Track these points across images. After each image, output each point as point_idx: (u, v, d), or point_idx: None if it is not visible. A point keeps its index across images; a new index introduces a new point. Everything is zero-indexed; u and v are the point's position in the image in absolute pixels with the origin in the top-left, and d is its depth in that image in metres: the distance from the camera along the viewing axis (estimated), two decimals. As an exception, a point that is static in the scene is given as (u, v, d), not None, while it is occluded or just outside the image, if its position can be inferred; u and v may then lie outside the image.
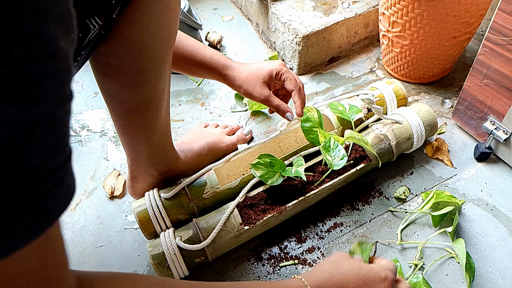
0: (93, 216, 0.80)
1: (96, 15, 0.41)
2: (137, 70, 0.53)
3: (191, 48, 0.68)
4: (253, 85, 0.66)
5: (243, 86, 0.67)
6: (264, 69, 0.67)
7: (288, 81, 0.67)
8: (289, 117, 0.67)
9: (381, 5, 0.92)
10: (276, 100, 0.67)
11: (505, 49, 0.70)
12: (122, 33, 0.48)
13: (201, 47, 0.68)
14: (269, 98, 0.67)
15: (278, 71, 0.67)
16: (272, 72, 0.67)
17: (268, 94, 0.67)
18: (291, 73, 0.69)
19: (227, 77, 0.69)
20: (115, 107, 0.60)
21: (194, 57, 0.68)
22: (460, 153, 0.85)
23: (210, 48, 0.69)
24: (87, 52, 0.45)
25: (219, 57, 0.69)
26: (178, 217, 0.72)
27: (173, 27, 0.53)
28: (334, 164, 0.68)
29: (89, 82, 1.11)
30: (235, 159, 0.77)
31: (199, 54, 0.68)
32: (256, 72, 0.67)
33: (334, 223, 0.75)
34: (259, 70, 0.67)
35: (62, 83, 0.26)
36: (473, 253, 0.69)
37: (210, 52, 0.69)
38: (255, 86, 0.66)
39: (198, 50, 0.68)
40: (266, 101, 0.67)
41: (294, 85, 0.67)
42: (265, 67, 0.68)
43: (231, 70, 0.68)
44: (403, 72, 1.00)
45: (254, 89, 0.66)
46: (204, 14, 1.33)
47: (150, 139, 0.66)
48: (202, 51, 0.68)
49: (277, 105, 0.67)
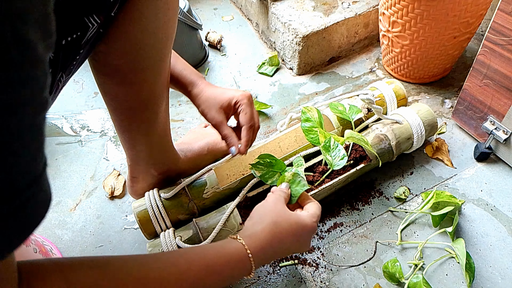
0: (93, 216, 0.80)
1: (95, 14, 0.41)
2: (136, 69, 0.53)
3: None
4: (210, 108, 0.64)
5: (201, 106, 0.65)
6: (226, 95, 0.64)
7: (242, 114, 0.64)
8: (232, 151, 0.64)
9: (381, 5, 0.92)
10: (226, 129, 0.64)
11: (505, 49, 0.70)
12: (120, 32, 0.48)
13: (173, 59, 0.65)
14: (220, 125, 0.64)
15: (237, 100, 0.64)
16: (231, 100, 0.64)
17: (221, 120, 0.64)
18: (250, 108, 0.65)
19: (191, 95, 0.66)
20: (114, 106, 0.60)
21: None
22: (460, 153, 0.85)
23: (182, 62, 0.67)
24: (86, 51, 0.45)
25: (189, 73, 0.66)
26: (178, 217, 0.72)
27: (171, 26, 0.53)
28: (334, 164, 0.68)
29: (89, 82, 1.11)
30: (235, 159, 0.77)
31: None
32: (217, 96, 0.64)
33: (334, 223, 0.75)
34: (221, 95, 0.64)
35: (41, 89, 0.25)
36: (473, 253, 0.69)
37: (181, 66, 0.66)
38: (211, 109, 0.63)
39: None
40: (217, 127, 0.64)
41: (247, 121, 0.64)
42: (228, 94, 0.65)
43: (196, 88, 0.65)
44: (403, 72, 1.00)
45: (210, 112, 0.64)
46: (204, 14, 1.33)
47: (149, 138, 0.66)
48: (173, 63, 0.65)
49: (225, 134, 0.64)
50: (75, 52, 0.42)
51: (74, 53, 0.42)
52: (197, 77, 0.67)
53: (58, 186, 0.86)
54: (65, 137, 0.97)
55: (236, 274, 0.49)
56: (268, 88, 1.06)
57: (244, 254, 0.48)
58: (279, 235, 0.52)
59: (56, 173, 0.88)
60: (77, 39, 0.41)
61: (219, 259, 0.47)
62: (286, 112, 0.98)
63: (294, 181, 0.62)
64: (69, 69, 0.44)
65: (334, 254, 0.71)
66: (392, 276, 0.66)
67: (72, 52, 0.41)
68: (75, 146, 0.94)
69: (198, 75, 0.67)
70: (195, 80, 0.66)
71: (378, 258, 0.70)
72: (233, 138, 0.64)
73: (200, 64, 1.14)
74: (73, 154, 0.92)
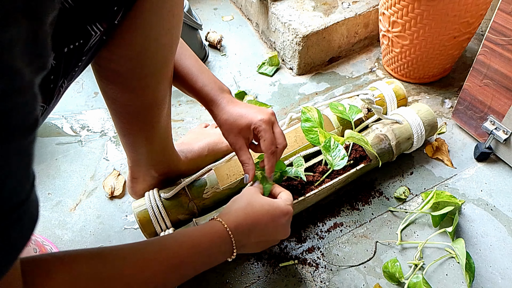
0: (93, 216, 0.80)
1: (98, 22, 0.41)
2: (139, 75, 0.53)
3: (185, 71, 0.64)
4: (229, 131, 0.63)
5: (221, 127, 0.64)
6: (245, 119, 0.62)
7: (262, 142, 0.62)
8: (245, 179, 0.64)
9: (381, 5, 0.92)
10: (244, 155, 0.63)
11: (505, 49, 0.70)
12: (124, 39, 0.47)
13: (195, 72, 0.64)
14: (240, 150, 0.63)
15: (256, 127, 0.61)
16: (249, 126, 0.62)
17: (239, 146, 0.63)
18: (269, 133, 0.62)
19: (212, 113, 0.65)
20: (116, 110, 0.59)
21: (185, 81, 0.64)
22: (460, 153, 0.85)
23: (205, 76, 0.64)
24: (88, 57, 0.45)
25: (209, 89, 0.63)
26: (178, 217, 0.72)
27: (175, 33, 0.53)
28: (334, 164, 0.68)
29: (89, 82, 1.11)
30: (235, 159, 0.77)
31: (190, 80, 0.63)
32: (236, 120, 0.62)
33: (334, 223, 0.75)
34: (240, 118, 0.62)
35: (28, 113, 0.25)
36: (473, 253, 0.69)
37: (202, 81, 0.63)
38: (230, 133, 0.63)
39: (191, 75, 0.64)
40: (236, 152, 0.64)
41: (267, 148, 0.62)
42: (247, 118, 0.62)
43: (216, 108, 0.64)
44: (403, 72, 1.00)
45: (229, 136, 0.63)
46: (204, 14, 1.33)
47: (151, 141, 0.66)
48: (195, 77, 0.63)
49: (243, 160, 0.64)
50: (77, 59, 0.42)
51: (76, 60, 0.42)
52: (218, 93, 0.64)
53: (58, 186, 0.86)
54: (65, 137, 0.97)
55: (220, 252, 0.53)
56: (268, 88, 1.06)
57: (224, 230, 0.53)
58: (252, 214, 0.56)
59: (56, 173, 0.88)
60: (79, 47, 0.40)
61: (203, 238, 0.52)
62: (286, 112, 0.98)
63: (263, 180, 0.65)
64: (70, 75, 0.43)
65: (334, 254, 0.71)
66: (392, 276, 0.66)
67: (74, 59, 0.41)
68: (75, 146, 0.94)
69: (221, 90, 0.64)
70: (215, 98, 0.63)
71: (378, 258, 0.70)
72: (249, 166, 0.63)
73: (200, 64, 1.14)
74: (73, 154, 0.92)
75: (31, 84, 0.25)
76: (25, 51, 0.23)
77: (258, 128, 0.62)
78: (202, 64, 0.65)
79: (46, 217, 0.80)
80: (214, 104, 0.63)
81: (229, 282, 0.69)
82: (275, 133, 0.63)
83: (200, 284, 0.69)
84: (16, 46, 0.22)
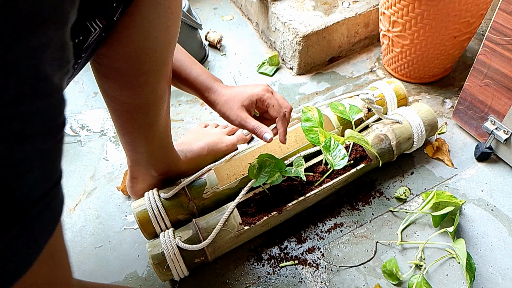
0: (93, 216, 0.80)
1: (97, 18, 0.41)
2: (138, 72, 0.53)
3: (178, 63, 0.64)
4: (231, 108, 0.63)
5: (221, 109, 0.64)
6: (245, 93, 0.64)
7: (271, 108, 0.63)
8: (267, 138, 0.62)
9: (381, 4, 0.92)
10: (252, 122, 0.63)
11: (506, 49, 0.70)
12: (123, 36, 0.47)
13: (188, 64, 0.65)
14: (245, 121, 0.63)
15: (260, 97, 0.63)
16: (252, 97, 0.63)
17: (245, 116, 0.63)
18: (274, 99, 0.65)
19: (208, 100, 0.65)
20: (115, 109, 0.59)
21: (179, 73, 0.65)
22: (461, 153, 0.85)
23: (197, 67, 0.66)
24: (88, 55, 0.45)
25: (204, 78, 0.65)
26: (178, 217, 0.71)
27: (174, 30, 0.53)
28: (335, 164, 0.67)
29: (89, 82, 1.10)
30: (235, 159, 0.77)
31: (184, 71, 0.64)
32: (236, 96, 0.64)
33: (334, 223, 0.75)
34: (240, 94, 0.64)
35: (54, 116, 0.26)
36: (474, 253, 0.69)
37: (196, 71, 0.65)
38: (233, 108, 0.62)
39: (185, 66, 0.64)
40: (242, 125, 0.63)
41: (278, 111, 0.63)
42: (247, 91, 0.64)
43: (213, 93, 0.65)
44: (403, 72, 1.00)
45: (231, 112, 0.63)
46: (204, 13, 1.33)
47: (150, 140, 0.65)
48: (189, 69, 0.64)
49: (253, 126, 0.62)
50: (77, 56, 0.42)
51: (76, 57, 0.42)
52: (213, 82, 0.65)
53: (57, 186, 0.86)
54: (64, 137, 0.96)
55: None
56: (268, 88, 1.06)
57: None
58: None
59: (55, 173, 0.88)
60: (79, 43, 0.40)
61: None
62: (286, 112, 0.98)
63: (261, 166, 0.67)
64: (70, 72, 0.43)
65: (334, 254, 0.71)
66: (390, 273, 0.66)
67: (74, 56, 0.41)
68: (74, 146, 0.94)
69: (214, 79, 0.66)
70: (211, 86, 0.65)
71: (378, 259, 0.70)
72: (262, 127, 0.63)
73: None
74: (73, 154, 0.92)
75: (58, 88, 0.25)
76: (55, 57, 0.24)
77: (262, 97, 0.63)
78: (193, 58, 0.66)
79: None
80: (210, 91, 0.64)
81: (229, 282, 0.68)
82: (278, 100, 0.65)
83: (200, 284, 0.68)
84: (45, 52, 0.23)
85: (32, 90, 0.23)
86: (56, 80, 0.25)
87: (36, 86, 0.23)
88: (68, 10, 0.25)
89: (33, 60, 0.22)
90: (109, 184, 0.85)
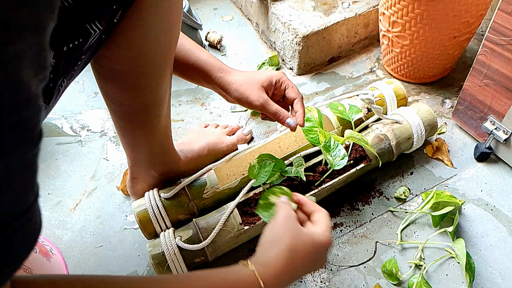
0: (93, 216, 0.80)
1: (97, 20, 0.41)
2: (138, 74, 0.53)
3: (186, 48, 0.64)
4: (251, 88, 0.61)
5: (239, 90, 0.62)
6: (264, 75, 0.63)
7: (290, 89, 0.64)
8: (290, 123, 0.61)
9: (381, 5, 0.92)
10: (274, 105, 0.62)
11: (505, 49, 0.70)
12: (123, 38, 0.47)
13: (196, 49, 0.64)
14: (268, 102, 0.62)
15: (278, 78, 0.64)
16: (272, 79, 0.63)
17: (267, 98, 0.62)
18: (291, 82, 0.66)
19: (221, 81, 0.63)
20: (116, 110, 0.59)
21: (188, 58, 0.63)
22: (460, 153, 0.85)
23: (206, 51, 0.66)
24: (88, 56, 0.45)
25: (215, 60, 0.65)
26: (178, 217, 0.72)
27: (174, 32, 0.53)
28: (335, 164, 0.68)
29: (89, 82, 1.11)
30: (235, 159, 0.77)
31: (193, 55, 0.64)
32: (254, 77, 0.63)
33: (334, 223, 0.75)
34: (258, 75, 0.63)
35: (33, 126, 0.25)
36: (473, 253, 0.69)
37: (206, 54, 0.65)
38: (253, 89, 0.61)
39: (193, 51, 0.64)
40: (264, 106, 0.62)
41: (297, 93, 0.64)
42: (265, 73, 0.64)
43: (227, 74, 0.64)
44: (403, 72, 1.00)
45: (252, 92, 0.61)
46: (204, 14, 1.33)
47: (150, 141, 0.66)
48: (198, 52, 0.64)
49: (276, 110, 0.61)
50: (77, 58, 0.42)
51: (75, 59, 0.42)
52: (224, 65, 0.65)
53: (58, 186, 0.86)
54: (65, 137, 0.97)
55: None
56: (268, 88, 1.06)
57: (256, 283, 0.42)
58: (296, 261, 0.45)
59: (56, 173, 0.88)
60: (79, 45, 0.40)
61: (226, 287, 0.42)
62: (286, 112, 0.98)
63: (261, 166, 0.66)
64: (70, 74, 0.43)
65: (334, 254, 0.71)
66: (390, 273, 0.66)
67: (73, 58, 0.41)
68: (75, 146, 0.94)
69: (224, 64, 0.65)
70: (223, 67, 0.64)
71: (378, 258, 0.70)
72: (285, 112, 0.62)
73: (200, 64, 1.14)
74: (73, 154, 0.92)
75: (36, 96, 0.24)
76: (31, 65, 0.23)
77: (281, 79, 0.64)
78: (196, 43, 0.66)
79: (46, 217, 0.80)
80: (224, 71, 0.64)
81: (229, 282, 0.68)
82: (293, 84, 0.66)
83: (200, 284, 0.68)
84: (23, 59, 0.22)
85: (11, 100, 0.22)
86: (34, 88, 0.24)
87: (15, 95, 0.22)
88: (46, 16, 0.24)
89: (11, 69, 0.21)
90: (109, 184, 0.85)
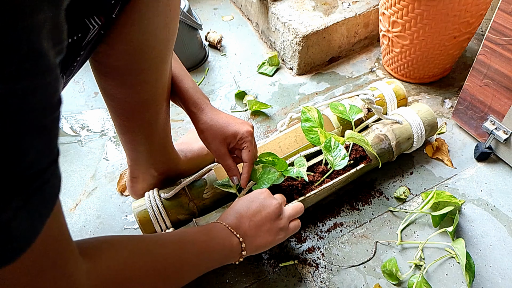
0: (93, 216, 0.80)
1: (96, 15, 0.41)
2: (137, 70, 0.53)
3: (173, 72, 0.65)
4: (214, 138, 0.64)
5: (204, 133, 0.65)
6: (232, 128, 0.64)
7: (246, 151, 0.66)
8: (234, 180, 0.67)
9: (381, 5, 0.92)
10: (229, 160, 0.66)
11: (505, 49, 0.70)
12: (121, 33, 0.48)
13: (181, 75, 0.65)
14: (223, 157, 0.66)
15: (242, 137, 0.65)
16: (237, 136, 0.65)
17: (224, 152, 0.66)
18: (252, 146, 0.67)
19: (192, 115, 0.65)
20: (115, 107, 0.60)
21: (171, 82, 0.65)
22: (460, 153, 0.85)
23: (189, 79, 0.66)
24: (87, 52, 0.45)
25: (195, 93, 0.65)
26: (178, 217, 0.72)
27: (173, 27, 0.53)
28: (335, 164, 0.68)
29: (89, 82, 1.11)
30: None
31: (175, 80, 0.64)
32: (222, 127, 0.64)
33: (334, 223, 0.75)
34: (226, 126, 0.64)
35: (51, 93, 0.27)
36: (473, 253, 0.69)
37: (188, 84, 0.65)
38: (215, 139, 0.64)
39: (176, 76, 0.64)
40: (220, 158, 0.66)
41: (249, 159, 0.66)
42: (233, 127, 0.65)
43: (200, 111, 0.65)
44: (403, 72, 1.00)
45: (213, 142, 0.65)
46: (204, 14, 1.33)
47: (150, 139, 0.66)
48: (180, 79, 0.64)
49: (228, 165, 0.66)
50: (76, 54, 0.42)
51: (75, 55, 0.42)
52: (202, 98, 0.65)
53: (58, 186, 0.86)
54: (65, 137, 0.97)
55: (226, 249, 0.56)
56: (268, 88, 1.06)
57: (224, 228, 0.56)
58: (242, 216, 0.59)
59: (56, 173, 0.88)
60: (78, 41, 0.41)
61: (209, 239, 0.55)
62: (286, 112, 0.98)
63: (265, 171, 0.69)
64: (69, 70, 0.44)
65: (334, 254, 0.71)
66: (390, 272, 0.66)
67: (73, 53, 0.41)
68: (75, 146, 0.94)
69: (204, 96, 0.66)
70: (199, 102, 0.65)
71: (378, 258, 0.70)
72: (235, 170, 0.67)
73: (200, 64, 1.14)
74: (73, 154, 0.92)
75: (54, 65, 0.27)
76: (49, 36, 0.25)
77: (245, 139, 0.65)
78: (185, 69, 0.67)
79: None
80: (198, 108, 0.65)
81: (229, 282, 0.68)
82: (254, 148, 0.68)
83: (200, 284, 0.68)
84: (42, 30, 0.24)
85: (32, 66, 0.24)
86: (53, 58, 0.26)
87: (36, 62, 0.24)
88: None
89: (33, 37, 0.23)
90: (109, 184, 0.85)
